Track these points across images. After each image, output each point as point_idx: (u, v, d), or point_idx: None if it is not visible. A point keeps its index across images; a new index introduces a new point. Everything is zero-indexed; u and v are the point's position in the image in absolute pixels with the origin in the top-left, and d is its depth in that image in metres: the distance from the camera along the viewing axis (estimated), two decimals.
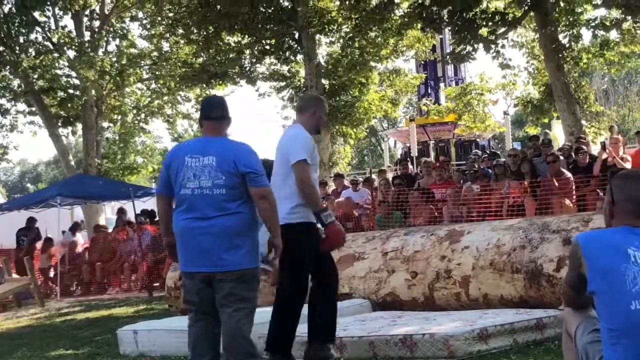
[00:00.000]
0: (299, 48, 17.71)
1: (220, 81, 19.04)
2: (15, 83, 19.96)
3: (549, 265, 5.13)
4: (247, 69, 18.90)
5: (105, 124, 20.78)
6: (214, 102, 4.20)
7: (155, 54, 19.95)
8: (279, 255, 4.03)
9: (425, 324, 4.88)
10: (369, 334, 4.79)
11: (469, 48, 15.11)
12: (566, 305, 2.92)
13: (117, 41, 20.65)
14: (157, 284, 11.98)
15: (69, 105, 19.50)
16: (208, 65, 18.21)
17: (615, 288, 2.50)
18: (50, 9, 19.26)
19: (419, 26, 16.33)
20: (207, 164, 3.87)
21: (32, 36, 19.13)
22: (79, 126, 20.54)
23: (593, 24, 15.73)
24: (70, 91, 19.56)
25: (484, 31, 14.97)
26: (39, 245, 14.95)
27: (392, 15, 16.25)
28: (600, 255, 2.57)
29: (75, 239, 15.46)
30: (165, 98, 21.24)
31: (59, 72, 19.48)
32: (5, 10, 18.59)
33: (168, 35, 19.01)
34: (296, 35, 17.46)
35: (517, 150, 12.13)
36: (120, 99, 20.78)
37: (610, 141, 10.16)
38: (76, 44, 18.63)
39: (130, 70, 19.45)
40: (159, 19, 18.79)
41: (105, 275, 13.69)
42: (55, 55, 18.94)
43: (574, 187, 9.11)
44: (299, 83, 18.72)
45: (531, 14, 14.94)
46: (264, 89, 54.17)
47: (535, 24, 15.39)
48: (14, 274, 12.66)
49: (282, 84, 19.17)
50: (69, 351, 6.39)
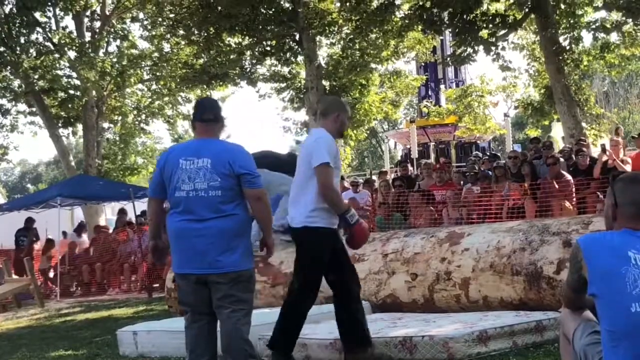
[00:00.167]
0: (299, 49, 17.70)
1: (221, 82, 19.03)
2: (16, 83, 19.94)
3: (549, 268, 5.13)
4: (248, 70, 18.88)
5: (105, 125, 20.82)
6: (206, 104, 4.19)
7: (155, 54, 19.94)
8: (272, 254, 4.12)
9: (425, 326, 4.87)
10: None
11: (470, 50, 15.12)
12: (565, 308, 2.92)
13: (118, 42, 20.66)
14: (157, 285, 11.97)
15: (70, 105, 19.49)
16: (209, 66, 18.19)
17: (616, 290, 2.50)
18: (51, 9, 19.27)
19: (419, 28, 16.32)
20: (202, 166, 3.85)
21: (33, 37, 19.14)
22: (80, 127, 20.54)
23: (594, 27, 15.75)
24: (71, 92, 19.54)
25: (484, 33, 14.98)
26: (37, 246, 14.94)
27: (393, 17, 16.26)
28: (601, 257, 2.57)
29: (81, 239, 15.46)
30: (166, 99, 21.24)
31: (60, 73, 19.47)
32: (6, 10, 18.58)
33: (169, 36, 19.01)
34: (297, 37, 17.45)
35: (518, 152, 12.14)
36: (121, 100, 20.77)
37: (611, 143, 10.15)
38: (77, 45, 18.63)
39: (131, 71, 19.44)
40: (160, 19, 18.80)
41: (105, 276, 13.70)
42: (56, 55, 18.94)
43: (574, 190, 9.11)
44: (299, 84, 18.72)
45: (532, 16, 14.96)
46: (264, 90, 53.73)
47: (535, 26, 15.40)
48: (13, 275, 12.67)
49: (283, 85, 19.14)
50: (68, 352, 6.38)
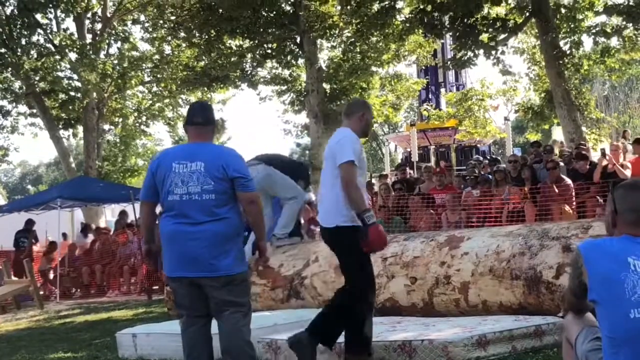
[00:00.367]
0: (300, 52, 17.73)
1: (222, 85, 19.07)
2: (17, 85, 19.96)
3: (548, 272, 5.12)
4: (249, 72, 18.92)
5: (106, 127, 20.83)
6: (197, 108, 4.18)
7: (156, 57, 19.96)
8: (266, 258, 4.21)
9: (424, 330, 4.86)
10: None
11: (470, 54, 15.14)
12: (566, 312, 2.93)
13: (119, 44, 20.67)
14: (157, 287, 11.95)
15: (70, 107, 19.50)
16: (209, 69, 18.22)
17: (615, 296, 2.51)
18: (52, 11, 19.26)
19: (420, 32, 16.34)
20: (196, 169, 3.84)
21: (34, 38, 19.12)
22: (80, 128, 20.52)
23: (594, 31, 15.76)
24: (72, 93, 19.55)
25: (484, 37, 14.99)
26: (36, 248, 14.92)
27: (394, 20, 16.25)
28: (601, 263, 2.58)
29: (88, 240, 15.46)
30: (167, 101, 21.25)
31: (61, 75, 19.47)
32: (8, 12, 18.59)
33: (170, 38, 19.05)
34: (298, 40, 17.48)
35: (518, 156, 12.13)
36: (122, 102, 20.80)
37: (611, 148, 10.15)
38: (78, 47, 18.63)
39: (132, 73, 19.43)
40: (161, 22, 18.84)
41: (104, 278, 13.69)
42: (57, 57, 18.92)
43: (573, 194, 9.11)
44: (300, 87, 18.75)
45: (532, 20, 14.96)
46: (265, 92, 53.76)
47: (536, 30, 15.40)
48: (13, 276, 12.66)
49: (284, 87, 19.17)
50: (67, 354, 6.37)
